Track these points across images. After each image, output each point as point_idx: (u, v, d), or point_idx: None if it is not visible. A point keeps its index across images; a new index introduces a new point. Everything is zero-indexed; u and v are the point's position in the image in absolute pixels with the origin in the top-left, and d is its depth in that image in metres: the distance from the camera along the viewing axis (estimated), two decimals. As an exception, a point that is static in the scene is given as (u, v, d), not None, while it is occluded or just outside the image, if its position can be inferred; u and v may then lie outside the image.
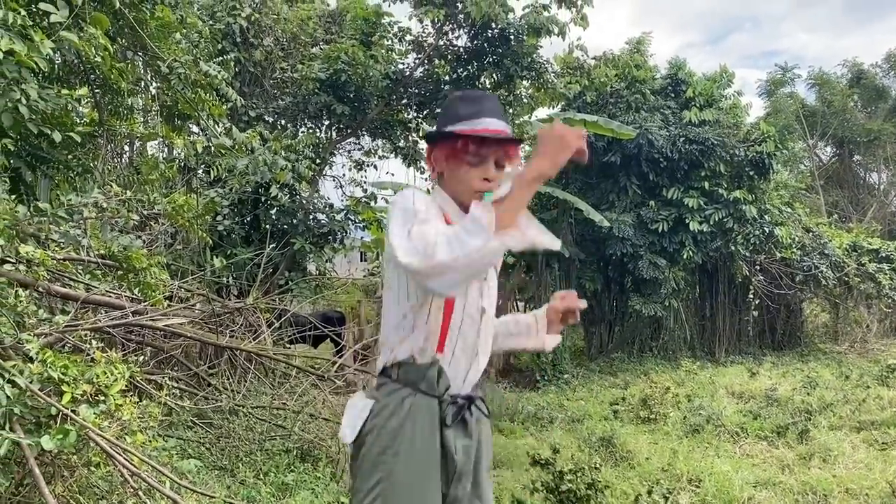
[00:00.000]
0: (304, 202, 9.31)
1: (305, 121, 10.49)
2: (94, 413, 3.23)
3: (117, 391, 3.45)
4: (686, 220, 12.36)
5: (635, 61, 13.09)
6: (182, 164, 8.16)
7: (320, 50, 10.30)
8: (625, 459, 6.20)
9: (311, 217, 9.44)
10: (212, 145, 5.51)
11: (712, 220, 12.39)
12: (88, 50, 3.91)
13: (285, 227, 9.09)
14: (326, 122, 10.60)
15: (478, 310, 1.99)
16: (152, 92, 6.24)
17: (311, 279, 9.53)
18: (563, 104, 12.06)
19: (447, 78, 10.26)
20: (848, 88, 24.42)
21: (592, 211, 11.10)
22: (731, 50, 73.37)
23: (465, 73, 10.21)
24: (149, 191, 5.30)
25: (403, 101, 10.79)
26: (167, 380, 5.09)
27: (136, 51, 5.51)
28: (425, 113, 10.81)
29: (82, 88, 4.10)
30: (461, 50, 10.18)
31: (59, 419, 3.16)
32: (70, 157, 4.70)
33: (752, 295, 13.59)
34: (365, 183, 11.39)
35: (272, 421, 5.51)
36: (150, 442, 3.66)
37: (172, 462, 4.02)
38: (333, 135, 10.76)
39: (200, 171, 8.70)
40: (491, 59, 10.01)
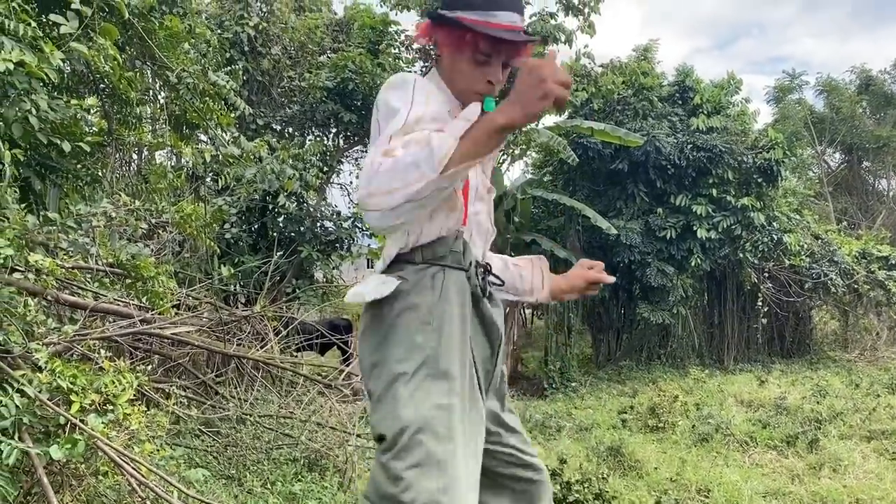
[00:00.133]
0: (311, 210, 9.33)
1: (313, 129, 10.53)
2: (103, 423, 3.24)
3: (125, 400, 3.46)
4: (694, 228, 12.32)
5: (642, 68, 13.08)
6: (190, 173, 8.20)
7: (328, 58, 10.35)
8: (633, 469, 6.16)
9: (318, 225, 9.47)
10: (220, 154, 5.53)
11: (720, 228, 12.35)
12: (98, 60, 3.94)
13: (293, 234, 9.12)
14: (334, 130, 10.65)
15: (486, 188, 1.89)
16: (161, 101, 6.27)
17: (319, 287, 9.55)
18: (571, 111, 12.07)
19: (454, 86, 10.26)
20: (856, 95, 24.32)
21: (600, 218, 11.09)
22: (739, 55, 73.41)
23: (471, 81, 10.21)
24: (157, 200, 5.32)
25: (411, 109, 10.80)
26: (175, 388, 5.10)
27: (145, 60, 5.54)
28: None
29: (91, 98, 4.12)
30: (468, 58, 10.19)
31: (68, 429, 3.17)
32: (79, 166, 4.72)
33: (760, 302, 13.53)
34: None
35: (279, 430, 5.51)
36: (157, 451, 3.67)
37: (180, 471, 4.01)
38: (341, 142, 10.80)
39: (208, 179, 8.74)
40: (498, 67, 10.03)
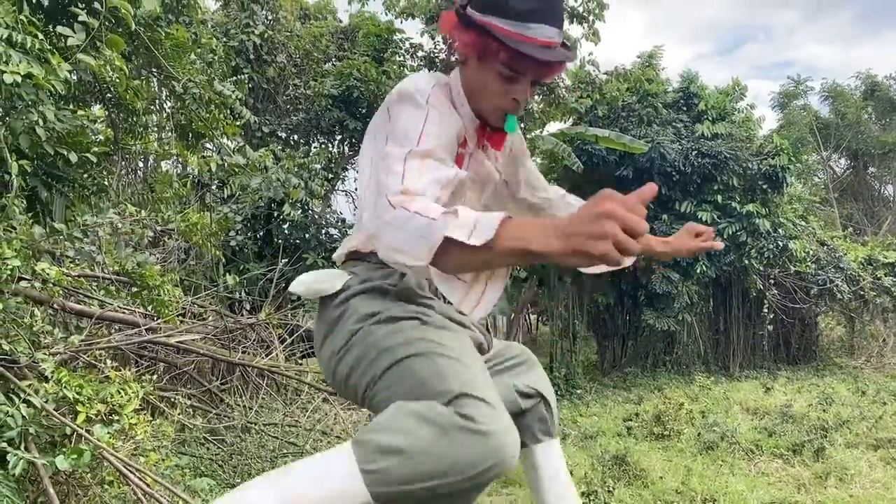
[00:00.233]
0: (316, 217, 9.36)
1: (318, 136, 10.57)
2: (108, 432, 3.25)
3: (131, 410, 3.48)
4: (699, 234, 12.28)
5: (647, 75, 13.08)
6: (196, 180, 8.23)
7: (333, 66, 10.39)
8: (638, 478, 6.14)
9: (323, 232, 9.49)
10: (225, 163, 5.56)
11: (725, 234, 12.32)
12: (104, 71, 3.96)
13: (298, 242, 9.14)
14: (339, 137, 10.68)
15: (481, 181, 1.73)
16: (167, 111, 6.30)
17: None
18: (575, 118, 12.08)
19: (459, 93, 10.30)
20: (862, 101, 24.29)
21: (604, 225, 11.06)
22: (743, 61, 73.37)
23: (476, 89, 10.24)
24: (163, 209, 5.34)
25: (415, 117, 10.83)
26: (180, 397, 5.11)
27: (151, 70, 5.57)
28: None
29: (98, 109, 4.15)
30: (473, 65, 10.22)
31: (74, 439, 3.19)
32: (85, 175, 4.75)
33: (766, 309, 13.49)
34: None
35: (284, 438, 5.52)
36: (163, 461, 3.68)
37: (185, 481, 4.03)
38: (346, 150, 10.83)
39: (214, 187, 8.77)
40: (502, 75, 10.05)
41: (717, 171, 12.42)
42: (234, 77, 7.47)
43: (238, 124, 6.15)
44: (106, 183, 5.22)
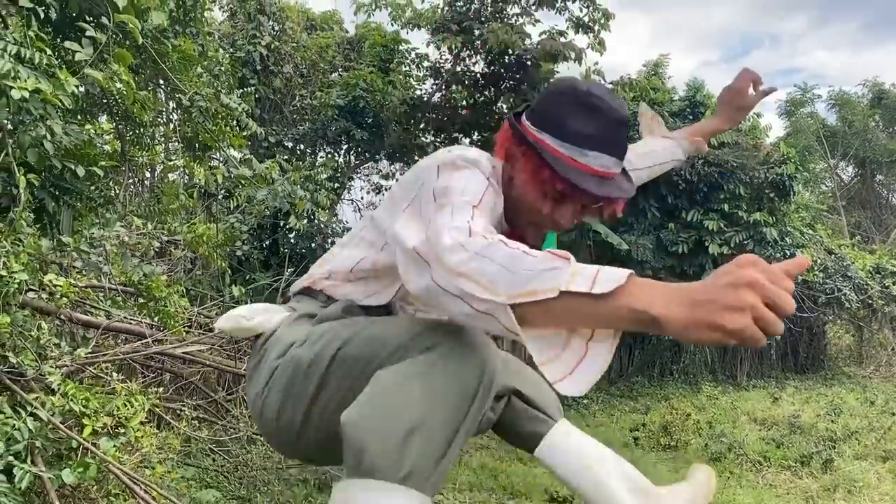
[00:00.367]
0: (322, 227, 9.38)
1: (324, 146, 10.62)
2: (115, 445, 3.25)
3: (137, 423, 3.48)
4: (706, 243, 12.26)
5: (653, 84, 13.09)
6: (202, 191, 8.27)
7: (339, 77, 10.45)
8: (645, 489, 6.10)
9: (329, 241, 9.51)
10: (232, 175, 5.58)
11: (732, 243, 12.27)
12: (111, 85, 3.99)
13: (303, 251, 9.17)
14: (345, 147, 10.73)
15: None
16: (173, 123, 6.34)
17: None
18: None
19: (464, 103, 10.34)
20: (869, 108, 24.23)
21: (611, 233, 11.07)
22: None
23: (482, 99, 10.28)
24: (169, 220, 5.36)
25: (421, 126, 10.88)
26: (186, 408, 5.11)
27: (158, 82, 5.61)
28: (443, 137, 10.90)
29: (105, 122, 4.18)
30: (478, 76, 10.27)
31: (80, 452, 3.19)
32: (93, 188, 4.78)
33: (773, 318, 13.41)
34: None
35: (290, 449, 5.51)
36: (169, 473, 3.68)
37: (191, 493, 4.02)
38: (352, 159, 10.88)
39: (220, 196, 8.80)
40: (508, 85, 10.09)
41: (723, 180, 12.38)
42: (241, 88, 7.52)
43: (244, 135, 6.19)
44: (113, 194, 5.25)
